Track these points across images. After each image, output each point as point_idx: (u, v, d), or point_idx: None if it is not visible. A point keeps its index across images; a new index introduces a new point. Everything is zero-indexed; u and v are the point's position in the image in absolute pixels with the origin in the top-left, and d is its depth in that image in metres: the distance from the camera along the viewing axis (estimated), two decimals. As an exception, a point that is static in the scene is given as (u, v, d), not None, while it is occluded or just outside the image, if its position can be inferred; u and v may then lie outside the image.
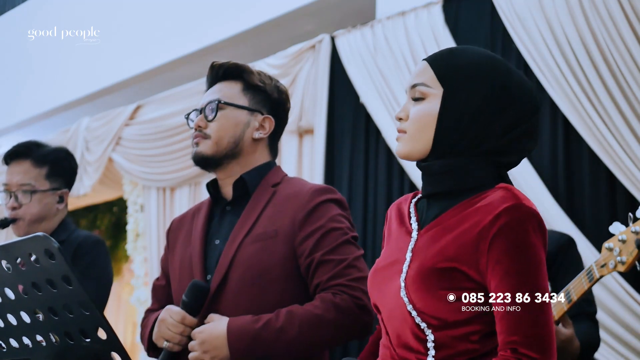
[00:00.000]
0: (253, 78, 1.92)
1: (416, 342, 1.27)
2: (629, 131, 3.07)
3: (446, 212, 1.32)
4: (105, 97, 6.38)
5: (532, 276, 1.22)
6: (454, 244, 1.26)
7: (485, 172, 1.32)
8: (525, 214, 1.23)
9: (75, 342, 1.33)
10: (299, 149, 4.46)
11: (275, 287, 1.75)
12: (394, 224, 1.44)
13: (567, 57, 3.26)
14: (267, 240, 1.77)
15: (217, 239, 1.85)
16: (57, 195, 2.45)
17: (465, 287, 1.25)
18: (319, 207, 1.81)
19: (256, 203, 1.84)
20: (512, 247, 1.22)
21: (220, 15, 5.37)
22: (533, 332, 1.20)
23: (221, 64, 1.94)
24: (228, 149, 1.87)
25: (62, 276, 1.25)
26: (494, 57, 1.36)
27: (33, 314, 1.34)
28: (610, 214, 3.14)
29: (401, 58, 3.88)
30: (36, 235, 1.23)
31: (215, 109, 1.87)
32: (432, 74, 1.34)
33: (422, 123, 1.32)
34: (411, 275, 1.28)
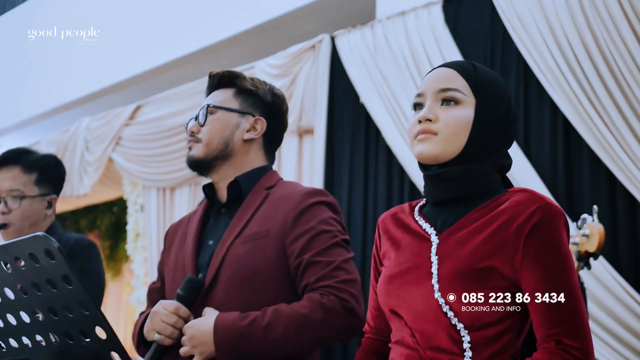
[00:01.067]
0: (245, 83, 1.96)
1: (451, 343, 1.29)
2: (629, 131, 3.07)
3: (465, 216, 1.35)
4: (105, 97, 6.39)
5: (567, 270, 1.27)
6: (488, 244, 1.30)
7: (496, 177, 1.39)
8: (556, 213, 1.30)
9: (75, 342, 1.32)
10: (299, 149, 4.46)
11: (265, 287, 1.76)
12: (396, 233, 1.45)
13: (567, 57, 3.26)
14: (258, 241, 1.79)
15: (211, 240, 1.87)
16: (46, 201, 2.48)
17: (499, 286, 1.28)
18: (310, 208, 1.82)
19: (249, 205, 1.86)
20: (547, 243, 1.28)
21: (220, 15, 5.37)
22: (574, 323, 1.25)
23: (216, 73, 1.98)
24: (218, 150, 1.90)
25: (61, 276, 1.25)
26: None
27: (33, 313, 1.34)
28: (610, 214, 3.14)
29: (401, 58, 3.88)
30: (36, 235, 1.23)
31: (206, 113, 1.91)
32: (464, 82, 1.39)
33: (458, 127, 1.36)
34: (446, 277, 1.30)
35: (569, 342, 1.23)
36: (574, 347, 1.23)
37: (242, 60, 5.09)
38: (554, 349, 1.24)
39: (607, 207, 3.15)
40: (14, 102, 7.15)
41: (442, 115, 1.37)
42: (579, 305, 1.26)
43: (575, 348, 1.23)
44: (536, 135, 3.39)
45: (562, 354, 1.23)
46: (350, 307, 1.73)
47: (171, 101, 5.29)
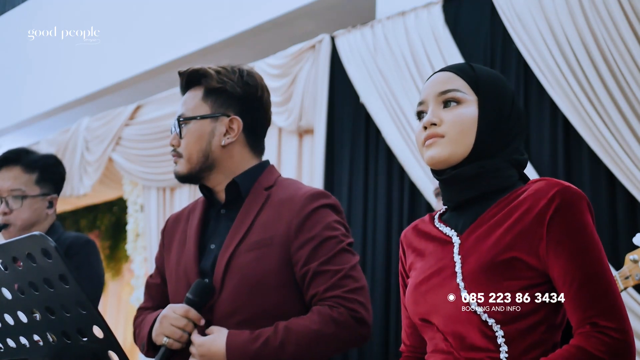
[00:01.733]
0: (212, 82, 1.86)
1: (484, 340, 1.26)
2: (629, 131, 3.07)
3: (484, 213, 1.34)
4: (105, 97, 6.39)
5: (595, 253, 1.25)
6: (510, 234, 1.28)
7: (512, 172, 1.38)
8: (577, 196, 1.28)
9: (72, 342, 1.32)
10: (299, 149, 4.46)
11: (271, 295, 1.74)
12: (419, 244, 1.44)
13: (567, 57, 3.26)
14: (263, 249, 1.76)
15: (213, 244, 1.84)
16: (47, 201, 2.48)
17: (526, 277, 1.26)
18: (314, 213, 1.78)
19: (249, 208, 1.82)
20: (571, 227, 1.26)
21: (220, 15, 5.37)
22: (608, 304, 1.22)
23: (183, 73, 1.90)
24: (200, 163, 1.85)
25: (59, 275, 1.25)
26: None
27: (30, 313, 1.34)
28: (610, 214, 3.14)
29: (401, 58, 3.88)
30: (33, 235, 1.23)
31: (179, 126, 1.85)
32: (463, 82, 1.39)
33: (464, 126, 1.35)
34: (470, 274, 1.29)
35: (605, 323, 1.21)
36: (610, 328, 1.20)
37: (242, 60, 5.04)
38: (590, 332, 1.21)
39: (607, 207, 3.14)
40: (14, 102, 7.15)
41: (445, 117, 1.36)
42: (610, 285, 1.24)
43: (612, 329, 1.20)
44: (536, 135, 3.39)
45: (599, 336, 1.20)
46: (360, 317, 1.71)
47: (171, 101, 5.29)
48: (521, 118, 1.41)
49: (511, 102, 1.40)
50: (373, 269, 3.87)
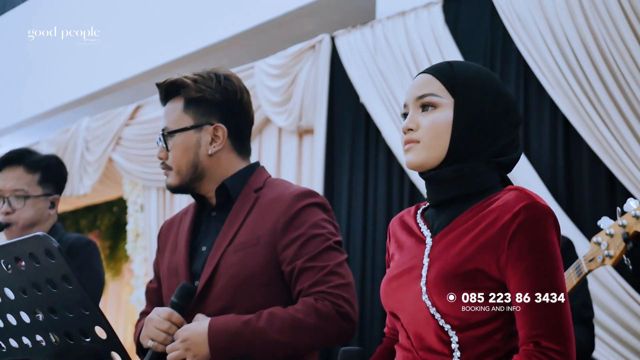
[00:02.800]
0: (191, 92, 1.87)
1: (440, 344, 1.30)
2: (629, 131, 3.07)
3: (459, 216, 1.35)
4: (105, 97, 6.38)
5: (552, 272, 1.26)
6: (473, 245, 1.30)
7: (492, 175, 1.37)
8: (542, 212, 1.27)
9: (75, 342, 1.33)
10: (299, 149, 4.46)
11: (258, 294, 1.77)
12: (401, 236, 1.46)
13: (567, 57, 3.26)
14: (249, 249, 1.78)
15: (204, 246, 1.86)
16: (49, 201, 2.51)
17: (486, 287, 1.28)
18: (301, 212, 1.80)
19: (239, 210, 1.84)
20: (532, 244, 1.26)
21: (220, 15, 5.36)
22: (555, 326, 1.23)
23: (160, 85, 1.92)
24: (190, 174, 1.87)
25: (61, 276, 1.25)
26: (486, 68, 1.45)
27: (33, 313, 1.34)
28: (610, 214, 3.13)
29: (401, 58, 3.88)
30: (36, 235, 1.24)
31: (164, 140, 1.87)
32: (439, 84, 1.38)
33: (438, 131, 1.36)
34: (432, 279, 1.31)
35: (548, 344, 1.22)
36: (553, 350, 1.22)
37: (242, 60, 5.09)
38: (532, 351, 1.23)
39: (607, 207, 3.14)
40: (14, 102, 7.14)
41: (422, 122, 1.37)
42: (561, 307, 1.25)
43: (554, 351, 1.22)
44: (536, 135, 3.39)
45: (540, 356, 1.22)
46: (344, 311, 1.73)
47: (171, 101, 5.28)
48: (509, 115, 1.38)
49: (493, 101, 1.37)
50: (373, 269, 3.88)
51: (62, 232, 2.53)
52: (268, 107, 4.55)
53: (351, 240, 4.02)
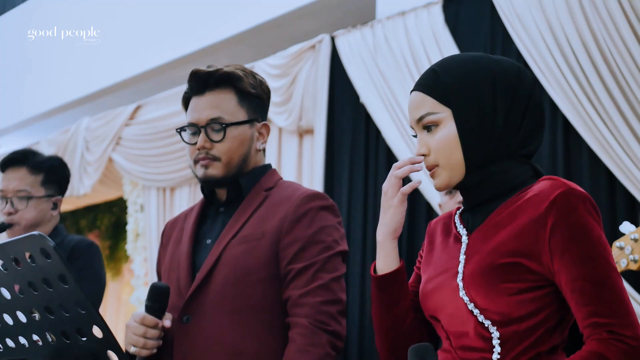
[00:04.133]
0: (245, 85, 1.87)
1: (480, 340, 1.27)
2: (629, 131, 3.07)
3: (493, 212, 1.33)
4: (105, 97, 6.38)
5: (602, 257, 1.23)
6: (511, 238, 1.26)
7: (522, 170, 1.34)
8: (579, 198, 1.24)
9: (71, 341, 1.32)
10: (299, 149, 4.46)
11: (257, 288, 1.76)
12: (438, 237, 1.44)
13: (567, 57, 3.26)
14: (253, 242, 1.77)
15: (209, 239, 1.86)
16: (52, 202, 2.52)
17: (527, 279, 1.25)
18: (308, 213, 1.79)
19: (248, 206, 1.84)
20: (575, 232, 1.23)
21: (220, 15, 5.36)
22: (623, 312, 1.21)
23: (209, 73, 1.87)
24: (238, 167, 1.86)
25: (58, 275, 1.25)
26: (477, 55, 1.38)
27: (29, 313, 1.34)
28: (610, 214, 3.13)
29: (401, 58, 3.88)
30: (32, 235, 1.23)
31: (223, 130, 1.83)
32: (431, 100, 1.34)
33: (448, 149, 1.33)
34: (469, 275, 1.28)
35: (622, 331, 1.19)
36: (628, 336, 1.19)
37: (242, 60, 5.08)
38: (608, 339, 1.19)
39: (607, 207, 3.14)
40: (14, 102, 7.14)
41: (431, 144, 1.35)
42: (622, 291, 1.22)
43: (629, 337, 1.19)
44: (536, 135, 3.39)
45: (618, 344, 1.19)
46: (332, 330, 1.71)
47: (171, 101, 5.28)
48: (517, 97, 1.32)
49: (492, 95, 1.32)
50: (373, 269, 3.87)
51: (64, 234, 2.54)
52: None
53: (351, 240, 4.01)
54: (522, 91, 1.33)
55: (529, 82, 1.35)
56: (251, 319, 1.74)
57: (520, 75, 1.35)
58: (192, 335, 1.75)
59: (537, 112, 1.35)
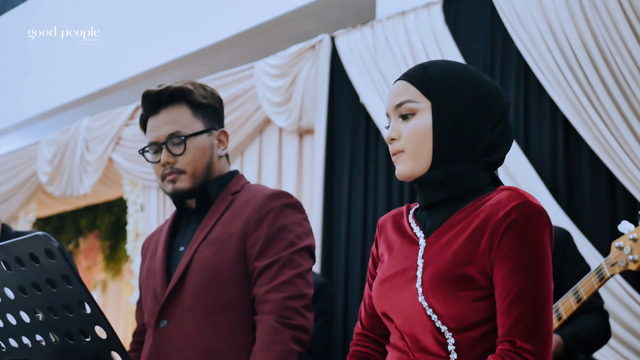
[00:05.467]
0: (196, 97, 1.93)
1: (437, 345, 1.29)
2: (629, 131, 3.07)
3: (452, 216, 1.34)
4: (105, 97, 6.38)
5: (537, 272, 1.24)
6: (468, 246, 1.29)
7: (482, 175, 1.36)
8: (534, 211, 1.26)
9: (75, 342, 1.33)
10: (299, 149, 4.46)
11: (228, 288, 1.80)
12: (392, 236, 1.45)
13: (567, 57, 3.26)
14: (221, 244, 1.82)
15: (182, 246, 1.91)
16: None
17: (483, 287, 1.27)
18: (271, 211, 1.84)
19: (215, 210, 1.89)
20: (520, 242, 1.25)
21: (220, 15, 5.36)
22: (532, 326, 1.22)
23: (160, 92, 1.92)
24: (204, 176, 1.92)
25: (62, 276, 1.25)
26: (464, 64, 1.43)
27: (33, 313, 1.34)
28: (610, 214, 3.14)
29: (401, 58, 3.88)
30: (36, 235, 1.24)
31: (183, 143, 1.89)
32: (414, 90, 1.37)
33: (419, 137, 1.35)
34: (428, 281, 1.30)
35: (523, 344, 1.21)
36: (527, 351, 1.21)
37: (242, 60, 5.09)
38: (506, 350, 1.22)
39: (607, 207, 3.14)
40: (14, 102, 7.14)
41: (404, 131, 1.37)
42: (542, 308, 1.23)
43: (528, 351, 1.21)
44: (536, 135, 3.39)
45: (514, 356, 1.21)
46: (296, 324, 1.74)
47: (171, 101, 5.27)
48: (492, 106, 1.36)
49: (471, 95, 1.35)
50: (373, 269, 3.87)
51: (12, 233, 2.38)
52: (268, 107, 4.55)
53: (351, 240, 4.02)
54: (498, 106, 1.37)
55: (504, 103, 1.38)
56: (224, 318, 1.78)
57: (499, 93, 1.39)
58: (168, 338, 1.80)
59: (506, 130, 1.38)
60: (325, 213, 4.14)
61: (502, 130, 1.37)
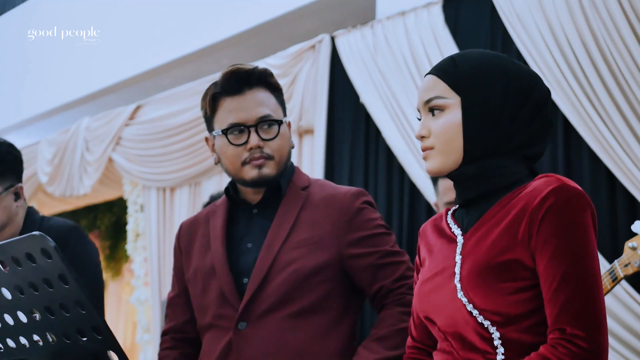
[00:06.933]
0: (275, 82, 1.88)
1: (482, 342, 1.25)
2: (629, 131, 3.07)
3: (487, 211, 1.32)
4: (105, 97, 6.38)
5: (580, 255, 1.20)
6: (505, 235, 1.26)
7: (518, 168, 1.33)
8: (572, 194, 1.23)
9: (72, 342, 1.32)
10: (299, 149, 4.46)
11: (317, 290, 1.77)
12: (432, 240, 1.44)
13: (567, 57, 3.26)
14: (311, 246, 1.78)
15: (249, 243, 1.83)
16: (12, 194, 2.20)
17: (523, 277, 1.24)
18: (360, 211, 1.83)
19: (289, 207, 1.83)
20: (560, 227, 1.21)
21: (220, 15, 5.36)
22: (581, 311, 1.18)
23: (251, 71, 1.83)
24: (285, 165, 1.86)
25: (58, 275, 1.25)
26: (496, 53, 1.39)
27: (30, 313, 1.34)
28: (610, 214, 3.13)
29: (401, 58, 3.88)
30: (32, 235, 1.23)
31: (277, 127, 1.83)
32: (444, 85, 1.34)
33: (449, 134, 1.32)
34: (466, 275, 1.28)
35: (573, 330, 1.16)
36: (578, 337, 1.16)
37: (242, 61, 5.03)
38: (557, 340, 1.18)
39: (607, 207, 3.14)
40: (14, 102, 7.14)
41: (433, 127, 1.35)
42: (590, 291, 1.19)
43: (579, 337, 1.16)
44: (536, 135, 3.39)
45: (566, 344, 1.17)
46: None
47: (171, 101, 5.28)
48: (527, 99, 1.32)
49: (503, 90, 1.32)
50: (373, 269, 3.87)
51: (38, 218, 2.26)
52: (268, 107, 4.54)
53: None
54: (534, 99, 1.33)
55: (543, 92, 1.35)
56: (313, 320, 1.75)
57: (537, 83, 1.35)
58: (250, 341, 1.73)
59: (545, 121, 1.35)
60: (325, 213, 4.13)
61: (540, 123, 1.33)
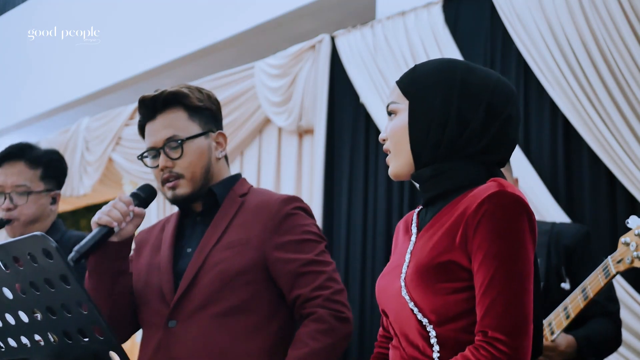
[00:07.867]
0: (192, 100, 1.94)
1: (421, 339, 1.29)
2: (629, 131, 3.07)
3: (440, 211, 1.35)
4: (105, 97, 6.38)
5: (509, 259, 1.23)
6: (445, 237, 1.29)
7: (473, 171, 1.35)
8: (508, 200, 1.25)
9: (73, 342, 1.33)
10: (299, 149, 4.46)
11: (242, 291, 1.82)
12: (400, 236, 1.49)
13: (567, 57, 3.26)
14: (238, 247, 1.84)
15: (189, 247, 1.91)
16: (50, 197, 2.46)
17: (462, 278, 1.27)
18: (289, 216, 1.87)
19: (225, 212, 1.91)
20: (493, 232, 1.24)
21: (220, 15, 5.37)
22: (504, 315, 1.20)
23: (155, 97, 1.95)
24: (202, 179, 1.92)
25: (60, 275, 1.25)
26: (452, 60, 1.41)
27: (31, 313, 1.34)
28: (610, 214, 3.14)
29: (401, 58, 3.88)
30: (34, 235, 1.24)
31: (180, 147, 1.89)
32: (398, 91, 1.40)
33: (397, 137, 1.38)
34: (410, 274, 1.32)
35: (494, 334, 1.19)
36: (499, 340, 1.19)
37: (242, 60, 5.09)
38: (479, 342, 1.21)
39: (607, 207, 3.14)
40: (14, 102, 7.14)
41: (388, 131, 1.41)
42: (516, 297, 1.21)
43: (501, 341, 1.19)
44: (536, 135, 3.39)
45: (486, 346, 1.19)
46: (345, 316, 1.81)
47: (171, 101, 5.27)
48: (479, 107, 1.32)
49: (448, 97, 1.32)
50: (373, 270, 3.88)
51: (63, 230, 2.50)
52: (268, 107, 4.55)
53: (351, 241, 4.02)
54: (495, 101, 1.34)
55: (503, 98, 1.35)
56: (238, 320, 1.80)
57: (495, 89, 1.35)
58: (178, 338, 1.80)
59: (511, 124, 1.35)
60: (325, 213, 4.14)
61: (502, 125, 1.34)
